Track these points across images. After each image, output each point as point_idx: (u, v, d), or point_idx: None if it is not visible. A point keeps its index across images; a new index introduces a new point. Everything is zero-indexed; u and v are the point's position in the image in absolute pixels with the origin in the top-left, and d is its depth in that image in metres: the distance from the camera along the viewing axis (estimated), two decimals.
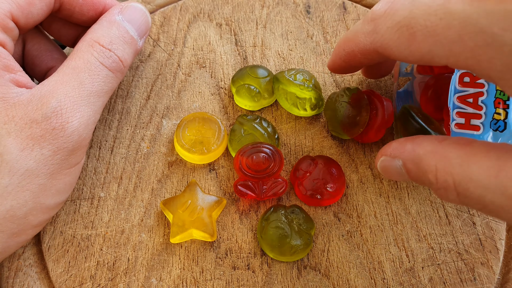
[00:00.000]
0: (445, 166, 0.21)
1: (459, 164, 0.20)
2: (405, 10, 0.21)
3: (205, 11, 0.36)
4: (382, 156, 0.25)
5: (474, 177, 0.20)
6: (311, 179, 0.29)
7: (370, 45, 0.23)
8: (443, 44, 0.19)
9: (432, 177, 0.21)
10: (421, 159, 0.22)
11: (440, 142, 0.22)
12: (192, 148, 0.30)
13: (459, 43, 0.18)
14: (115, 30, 0.28)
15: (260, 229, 0.28)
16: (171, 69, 0.34)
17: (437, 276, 0.28)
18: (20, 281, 0.28)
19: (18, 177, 0.24)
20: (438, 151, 0.21)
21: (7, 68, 0.25)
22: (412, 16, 0.20)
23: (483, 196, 0.19)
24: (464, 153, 0.20)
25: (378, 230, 0.29)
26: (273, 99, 0.33)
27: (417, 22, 0.20)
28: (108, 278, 0.28)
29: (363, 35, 0.24)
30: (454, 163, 0.20)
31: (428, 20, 0.19)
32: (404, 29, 0.21)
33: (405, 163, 0.23)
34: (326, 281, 0.28)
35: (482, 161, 0.20)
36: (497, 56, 0.17)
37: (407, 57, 0.21)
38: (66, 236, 0.29)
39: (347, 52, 0.26)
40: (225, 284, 0.28)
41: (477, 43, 0.18)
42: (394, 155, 0.24)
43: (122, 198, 0.30)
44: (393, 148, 0.24)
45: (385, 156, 0.24)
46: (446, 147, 0.21)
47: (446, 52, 0.19)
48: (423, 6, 0.20)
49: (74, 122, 0.25)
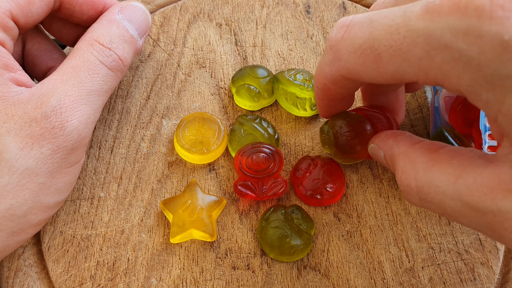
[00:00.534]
0: (410, 170, 0.22)
1: (423, 169, 0.21)
2: (364, 33, 0.20)
3: (205, 11, 0.36)
4: (372, 143, 0.26)
5: (434, 183, 0.20)
6: (311, 179, 0.29)
7: (337, 73, 0.23)
8: (411, 62, 0.19)
9: (398, 178, 0.22)
10: (395, 158, 0.23)
11: (412, 146, 0.22)
12: (192, 148, 0.30)
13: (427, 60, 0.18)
14: (115, 29, 0.28)
15: (260, 229, 0.28)
16: (171, 69, 0.34)
17: (437, 276, 0.28)
18: (20, 281, 0.28)
19: (18, 175, 0.24)
20: (408, 154, 0.22)
21: (7, 67, 0.25)
22: (374, 38, 0.20)
23: (443, 202, 0.20)
24: (430, 158, 0.21)
25: (378, 230, 0.29)
26: (273, 99, 0.33)
27: (381, 43, 0.19)
28: (108, 278, 0.28)
29: (327, 66, 0.23)
30: (418, 168, 0.21)
31: (392, 40, 0.19)
32: (368, 51, 0.20)
33: (385, 157, 0.25)
34: (326, 281, 0.28)
35: (444, 167, 0.20)
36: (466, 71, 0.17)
37: (377, 78, 0.21)
38: (66, 236, 0.29)
39: (321, 88, 0.25)
40: (225, 284, 0.28)
41: (444, 59, 0.18)
42: (379, 145, 0.25)
43: (122, 198, 0.30)
44: (380, 139, 0.25)
45: (373, 144, 0.26)
46: (416, 151, 0.22)
47: (415, 70, 0.19)
48: (383, 26, 0.19)
49: (73, 120, 0.25)
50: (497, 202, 0.18)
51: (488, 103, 0.18)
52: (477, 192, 0.19)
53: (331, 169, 0.29)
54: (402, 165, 0.22)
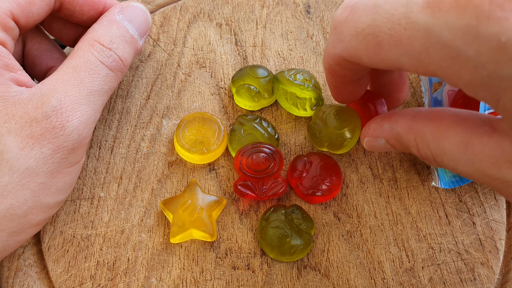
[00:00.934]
0: (423, 141, 0.23)
1: (433, 140, 0.22)
2: (367, 17, 0.20)
3: (205, 11, 0.36)
4: (365, 137, 0.26)
5: (447, 152, 0.22)
6: (310, 178, 0.29)
7: (339, 55, 0.23)
8: (410, 55, 0.19)
9: (414, 150, 0.23)
10: (401, 136, 0.24)
11: (414, 118, 0.23)
12: (192, 148, 0.30)
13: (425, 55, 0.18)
14: (115, 29, 0.28)
15: (260, 229, 0.28)
16: (171, 69, 0.34)
17: (437, 276, 0.28)
18: (20, 281, 0.28)
19: (18, 175, 0.24)
20: (413, 127, 0.23)
21: (7, 67, 0.25)
22: (376, 25, 0.20)
23: (456, 167, 0.22)
24: (436, 128, 0.22)
25: (378, 230, 0.29)
26: (273, 99, 0.33)
27: (382, 31, 0.19)
28: (108, 278, 0.28)
29: (331, 46, 0.23)
30: (429, 139, 0.22)
31: (393, 29, 0.19)
32: (370, 37, 0.20)
33: (388, 141, 0.25)
34: (326, 281, 0.28)
35: (452, 137, 0.21)
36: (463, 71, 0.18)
37: (378, 63, 0.21)
38: (66, 236, 0.29)
39: (328, 69, 0.25)
40: (225, 284, 0.28)
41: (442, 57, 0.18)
42: (375, 135, 0.26)
43: (122, 198, 0.30)
44: (373, 129, 0.26)
45: (368, 137, 0.26)
46: (420, 123, 0.23)
47: (414, 62, 0.19)
48: (386, 14, 0.19)
49: (74, 120, 0.25)
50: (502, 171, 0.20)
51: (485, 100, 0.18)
52: (485, 161, 0.20)
53: (327, 164, 0.29)
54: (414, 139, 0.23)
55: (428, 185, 0.30)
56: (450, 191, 0.30)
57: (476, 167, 0.21)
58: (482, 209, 0.30)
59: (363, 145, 0.27)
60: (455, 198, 0.30)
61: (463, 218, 0.29)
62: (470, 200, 0.30)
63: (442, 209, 0.30)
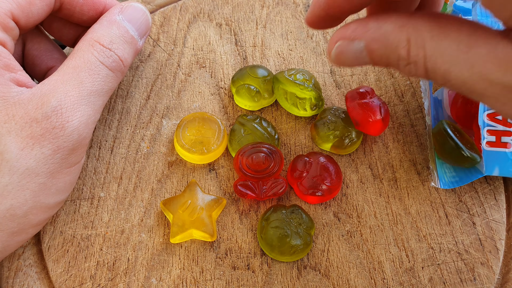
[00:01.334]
0: (418, 39, 0.20)
1: (431, 37, 0.20)
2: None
3: (205, 11, 0.36)
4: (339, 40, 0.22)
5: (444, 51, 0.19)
6: (310, 178, 0.29)
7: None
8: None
9: (403, 51, 0.20)
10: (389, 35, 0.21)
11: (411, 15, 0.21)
12: (192, 148, 0.30)
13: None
14: (115, 30, 0.28)
15: (260, 229, 0.28)
16: (171, 69, 0.34)
17: (437, 276, 0.28)
18: (20, 281, 0.28)
19: (18, 176, 0.24)
20: (409, 24, 0.20)
21: (8, 68, 0.25)
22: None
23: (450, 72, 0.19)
24: (437, 26, 0.20)
25: (378, 230, 0.29)
26: (273, 99, 0.33)
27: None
28: (108, 278, 0.28)
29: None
30: (426, 36, 0.20)
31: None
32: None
33: (369, 44, 0.21)
34: (326, 281, 0.28)
35: (454, 35, 0.19)
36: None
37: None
38: (66, 236, 0.29)
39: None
40: (225, 284, 0.28)
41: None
42: (354, 37, 0.22)
43: (122, 198, 0.30)
44: (352, 29, 0.22)
45: (343, 39, 0.22)
46: (418, 20, 0.20)
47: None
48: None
49: (74, 121, 0.25)
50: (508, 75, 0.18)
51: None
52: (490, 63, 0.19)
53: (327, 164, 0.29)
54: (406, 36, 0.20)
55: (428, 185, 0.30)
56: (450, 191, 0.30)
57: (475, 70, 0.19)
58: (482, 209, 0.30)
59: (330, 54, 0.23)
60: (455, 198, 0.30)
61: (463, 218, 0.29)
62: (470, 200, 0.30)
63: (442, 209, 0.30)
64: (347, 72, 0.34)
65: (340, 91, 0.34)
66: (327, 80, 0.34)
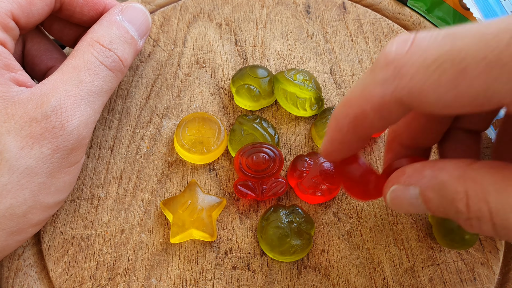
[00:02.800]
0: (479, 193, 0.18)
1: (495, 190, 0.17)
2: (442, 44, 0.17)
3: (205, 11, 0.36)
4: (393, 185, 0.21)
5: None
6: (310, 178, 0.29)
7: (391, 96, 0.18)
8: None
9: (462, 205, 0.18)
10: (446, 186, 0.19)
11: (469, 165, 0.19)
12: (192, 148, 0.30)
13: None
14: (115, 30, 0.28)
15: (260, 229, 0.28)
16: (171, 69, 0.34)
17: (437, 276, 0.28)
18: (20, 281, 0.28)
19: (18, 175, 0.24)
20: (468, 176, 0.18)
21: (8, 67, 0.25)
22: (459, 48, 0.16)
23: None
24: (501, 178, 0.18)
25: (378, 230, 0.29)
26: (273, 99, 0.33)
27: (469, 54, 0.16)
28: (108, 278, 0.28)
29: (378, 86, 0.18)
30: (489, 189, 0.18)
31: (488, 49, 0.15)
32: (447, 65, 0.16)
33: (424, 192, 0.20)
34: (326, 281, 0.28)
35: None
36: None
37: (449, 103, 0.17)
38: (66, 236, 0.29)
39: (353, 116, 0.20)
40: (225, 284, 0.28)
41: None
42: (409, 182, 0.20)
43: (122, 198, 0.30)
44: (408, 175, 0.21)
45: (397, 184, 0.21)
46: (478, 171, 0.18)
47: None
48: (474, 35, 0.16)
49: (74, 121, 0.25)
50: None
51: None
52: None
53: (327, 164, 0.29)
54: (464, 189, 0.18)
55: None
56: None
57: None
58: None
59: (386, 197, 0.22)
60: None
61: None
62: None
63: None
64: (347, 72, 0.34)
65: (340, 91, 0.34)
66: (327, 80, 0.34)
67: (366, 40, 0.35)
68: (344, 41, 0.35)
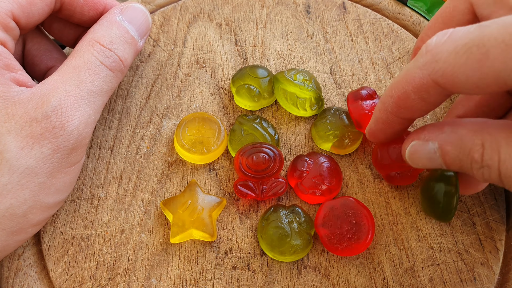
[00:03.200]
0: (493, 144, 0.20)
1: (507, 143, 0.20)
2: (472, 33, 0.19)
3: (205, 11, 0.36)
4: (413, 141, 0.24)
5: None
6: (310, 178, 0.29)
7: (428, 77, 0.21)
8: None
9: (477, 155, 0.21)
10: (464, 139, 0.21)
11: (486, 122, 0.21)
12: (192, 148, 0.30)
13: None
14: (115, 30, 0.28)
15: (260, 229, 0.28)
16: (171, 69, 0.34)
17: (437, 276, 0.28)
18: (20, 281, 0.28)
19: (18, 175, 0.24)
20: (484, 129, 0.21)
21: (8, 67, 0.25)
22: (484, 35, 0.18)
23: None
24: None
25: (378, 230, 0.29)
26: (273, 99, 0.33)
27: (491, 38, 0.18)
28: (108, 278, 0.28)
29: (418, 69, 0.21)
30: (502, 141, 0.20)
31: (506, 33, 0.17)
32: (474, 49, 0.18)
33: (442, 145, 0.22)
34: (326, 281, 0.28)
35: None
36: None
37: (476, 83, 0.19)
38: (66, 236, 0.29)
39: (397, 97, 0.23)
40: (225, 284, 0.28)
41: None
42: (428, 138, 0.23)
43: (122, 198, 0.30)
44: (427, 131, 0.23)
45: (417, 140, 0.23)
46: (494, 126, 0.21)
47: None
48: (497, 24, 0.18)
49: (74, 121, 0.25)
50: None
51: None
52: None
53: (327, 164, 0.29)
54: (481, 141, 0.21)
55: None
56: None
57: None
58: (482, 209, 0.30)
59: (405, 151, 0.24)
60: None
61: (463, 218, 0.29)
62: (470, 200, 0.30)
63: None
64: (347, 72, 0.34)
65: (340, 91, 0.34)
66: (327, 80, 0.34)
67: (366, 40, 0.35)
68: (344, 41, 0.35)
